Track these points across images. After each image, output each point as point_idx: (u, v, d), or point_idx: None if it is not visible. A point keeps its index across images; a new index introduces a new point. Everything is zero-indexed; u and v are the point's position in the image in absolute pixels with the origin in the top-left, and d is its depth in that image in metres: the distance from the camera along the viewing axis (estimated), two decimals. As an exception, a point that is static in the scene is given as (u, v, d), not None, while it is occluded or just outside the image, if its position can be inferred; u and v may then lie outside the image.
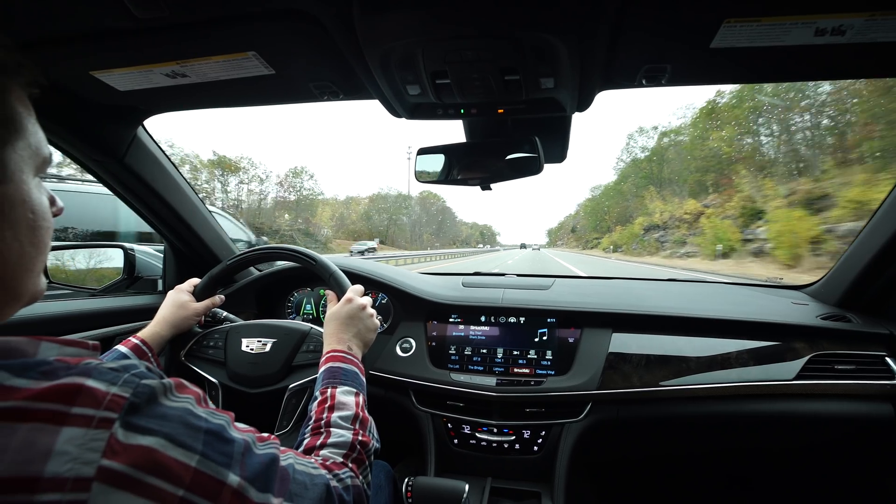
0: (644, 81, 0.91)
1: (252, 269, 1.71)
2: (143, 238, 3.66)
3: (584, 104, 0.98)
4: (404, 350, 1.45)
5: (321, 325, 1.10)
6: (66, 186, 3.31)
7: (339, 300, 1.01)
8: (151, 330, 1.03)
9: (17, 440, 0.32)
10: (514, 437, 1.34)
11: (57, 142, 1.13)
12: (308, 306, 1.69)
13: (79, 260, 1.55)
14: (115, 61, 0.90)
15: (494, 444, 1.35)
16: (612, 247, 54.34)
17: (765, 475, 1.66)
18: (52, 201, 0.51)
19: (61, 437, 0.33)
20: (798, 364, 1.26)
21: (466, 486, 1.05)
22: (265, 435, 0.54)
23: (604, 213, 75.39)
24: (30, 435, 0.33)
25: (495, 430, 1.35)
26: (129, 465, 0.35)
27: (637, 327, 1.39)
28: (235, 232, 9.29)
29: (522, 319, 1.44)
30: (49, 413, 0.34)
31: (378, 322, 1.02)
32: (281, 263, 1.63)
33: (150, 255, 1.64)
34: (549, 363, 1.38)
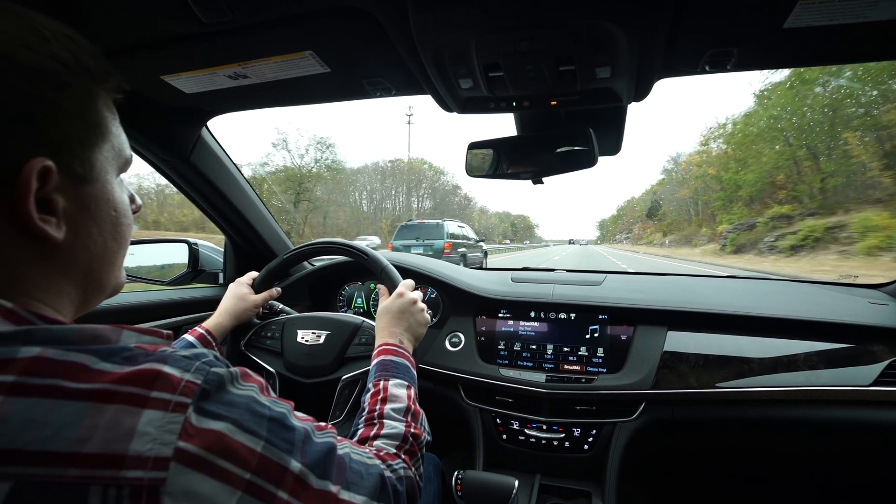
0: (707, 67, 0.87)
1: (306, 263, 1.76)
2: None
3: (641, 93, 0.94)
4: (453, 344, 1.46)
5: (371, 318, 1.12)
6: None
7: (390, 294, 1.03)
8: (215, 320, 1.08)
9: (105, 420, 0.34)
10: (563, 435, 1.32)
11: (130, 143, 1.21)
12: (359, 300, 1.73)
13: (150, 254, 1.65)
14: (184, 65, 0.95)
15: (543, 441, 1.33)
16: None
17: (828, 483, 1.56)
18: (132, 199, 0.54)
19: (143, 418, 0.35)
20: (876, 369, 1.17)
21: (516, 482, 1.05)
22: (323, 424, 0.55)
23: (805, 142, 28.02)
24: (116, 415, 0.35)
25: (544, 427, 1.33)
26: (202, 448, 0.37)
27: (694, 325, 1.33)
28: (468, 233, 13.47)
29: (573, 315, 1.42)
30: (132, 396, 0.36)
31: (428, 316, 1.03)
32: (333, 257, 1.67)
33: (212, 249, 1.72)
34: (600, 360, 1.35)
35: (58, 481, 0.32)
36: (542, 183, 1.12)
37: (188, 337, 1.01)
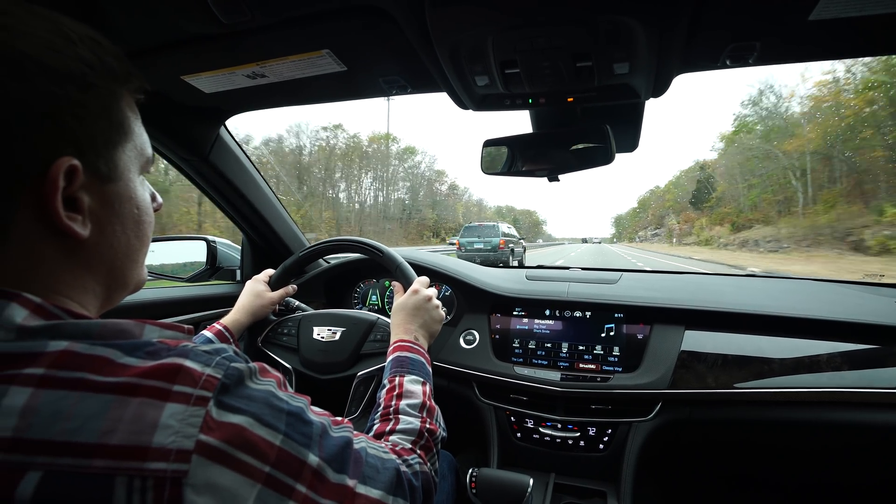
0: (728, 62, 0.85)
1: (321, 260, 1.78)
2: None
3: (660, 89, 0.92)
4: (468, 342, 1.46)
5: (386, 315, 1.13)
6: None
7: (405, 291, 1.03)
8: (232, 317, 1.10)
9: (130, 412, 0.35)
10: (578, 434, 1.31)
11: (151, 142, 1.23)
12: (374, 297, 1.74)
13: (169, 252, 1.68)
14: (203, 65, 0.96)
15: (558, 440, 1.33)
16: None
17: (847, 485, 1.52)
18: (153, 197, 0.55)
19: (165, 411, 0.36)
20: None
21: (531, 481, 1.04)
22: (339, 419, 0.56)
23: None
24: (139, 408, 0.35)
25: (559, 426, 1.32)
26: (223, 441, 0.37)
27: (713, 325, 1.31)
28: (513, 232, 18.29)
29: (588, 314, 1.41)
30: (155, 389, 0.37)
31: (443, 313, 1.03)
32: (349, 255, 1.68)
33: (229, 246, 1.75)
34: (616, 359, 1.33)
35: (84, 472, 0.33)
36: (558, 180, 1.11)
37: (206, 333, 1.03)
